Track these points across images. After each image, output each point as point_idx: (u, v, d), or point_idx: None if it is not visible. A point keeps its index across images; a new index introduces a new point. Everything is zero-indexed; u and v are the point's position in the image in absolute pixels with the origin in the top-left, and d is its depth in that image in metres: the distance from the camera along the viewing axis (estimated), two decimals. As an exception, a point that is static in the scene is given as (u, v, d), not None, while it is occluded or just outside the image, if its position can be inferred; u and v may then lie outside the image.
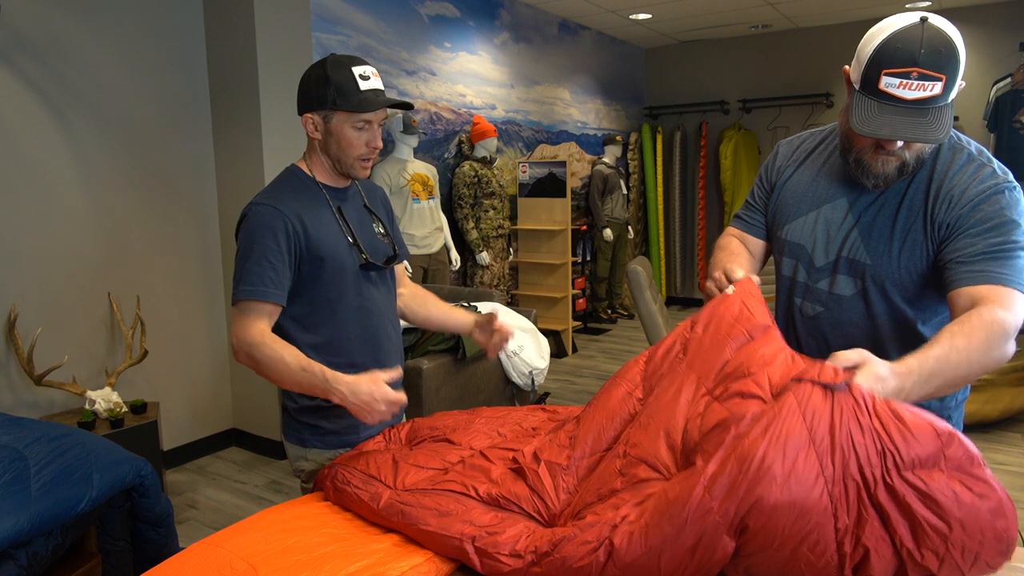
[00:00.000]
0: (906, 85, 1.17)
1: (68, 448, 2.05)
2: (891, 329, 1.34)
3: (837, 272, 1.37)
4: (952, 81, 1.17)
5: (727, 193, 7.12)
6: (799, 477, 0.89)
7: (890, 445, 0.89)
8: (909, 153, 1.25)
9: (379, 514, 1.31)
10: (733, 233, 1.58)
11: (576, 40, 6.56)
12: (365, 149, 1.55)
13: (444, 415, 1.74)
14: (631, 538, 0.99)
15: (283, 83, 3.44)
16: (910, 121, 1.18)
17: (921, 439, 0.89)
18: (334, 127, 1.52)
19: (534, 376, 3.70)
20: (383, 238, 1.70)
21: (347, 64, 1.50)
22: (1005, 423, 3.94)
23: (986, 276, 1.18)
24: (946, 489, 0.87)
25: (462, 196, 4.90)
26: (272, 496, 3.23)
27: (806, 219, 1.41)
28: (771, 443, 0.91)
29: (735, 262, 1.41)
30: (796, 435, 0.91)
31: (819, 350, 1.42)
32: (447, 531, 1.20)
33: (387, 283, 1.71)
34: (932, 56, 1.15)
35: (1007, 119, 5.53)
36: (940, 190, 1.27)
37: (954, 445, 0.89)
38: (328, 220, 1.57)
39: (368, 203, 1.71)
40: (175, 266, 3.50)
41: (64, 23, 2.99)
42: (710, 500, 0.93)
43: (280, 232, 1.47)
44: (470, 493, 1.29)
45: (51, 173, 2.99)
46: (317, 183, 1.60)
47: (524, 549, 1.12)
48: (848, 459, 0.90)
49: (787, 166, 1.49)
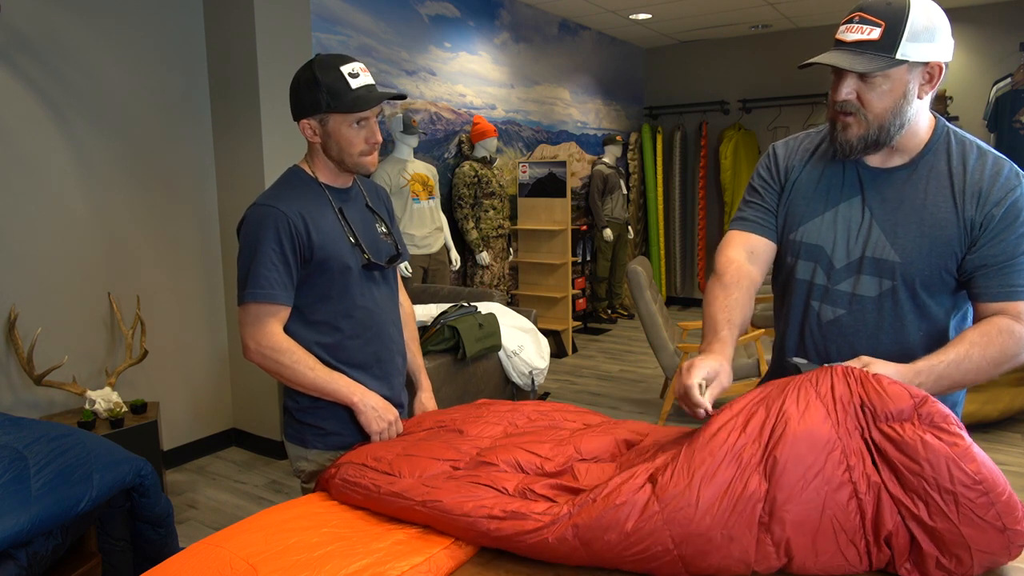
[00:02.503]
0: (848, 28, 1.24)
1: (68, 448, 2.05)
2: (918, 327, 1.32)
3: (861, 272, 1.34)
4: (893, 31, 1.19)
5: (727, 193, 7.12)
6: (811, 415, 1.09)
7: (868, 403, 1.08)
8: (868, 116, 1.25)
9: (399, 496, 1.29)
10: (738, 244, 1.45)
11: (576, 40, 6.56)
12: (366, 145, 1.56)
13: (448, 410, 1.75)
14: (674, 473, 1.09)
15: (283, 83, 3.44)
16: (839, 56, 1.23)
17: (895, 399, 1.06)
18: (332, 129, 1.53)
19: (534, 376, 3.70)
20: (385, 238, 1.71)
21: (335, 64, 1.50)
22: (1005, 423, 3.94)
23: (1011, 292, 1.24)
24: (912, 435, 1.03)
25: (462, 196, 4.90)
26: (272, 496, 3.23)
27: (822, 219, 1.37)
28: (788, 396, 1.13)
29: (724, 351, 1.27)
30: (806, 390, 1.13)
31: (840, 355, 1.36)
32: (473, 503, 1.20)
33: (389, 283, 1.72)
34: (876, 3, 1.22)
35: (1007, 119, 5.54)
36: (966, 185, 1.27)
37: (927, 405, 1.05)
38: (331, 220, 1.58)
39: (370, 203, 1.72)
40: (175, 266, 3.50)
41: (64, 23, 2.99)
42: (745, 438, 1.09)
43: (283, 233, 1.49)
44: (496, 486, 1.29)
45: (51, 173, 2.99)
46: (319, 184, 1.60)
47: (558, 511, 1.14)
48: (846, 412, 1.09)
49: (793, 166, 1.44)
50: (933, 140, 1.31)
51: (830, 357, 1.38)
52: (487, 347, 3.42)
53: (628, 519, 1.07)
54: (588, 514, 1.10)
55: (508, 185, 5.64)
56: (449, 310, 3.46)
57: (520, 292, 5.90)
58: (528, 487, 1.27)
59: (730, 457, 1.08)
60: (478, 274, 5.08)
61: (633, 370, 5.35)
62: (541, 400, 4.25)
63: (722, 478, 1.06)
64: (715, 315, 1.34)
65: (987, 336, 1.20)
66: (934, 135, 1.31)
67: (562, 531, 1.11)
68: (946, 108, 6.02)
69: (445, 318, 3.34)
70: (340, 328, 1.61)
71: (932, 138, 1.31)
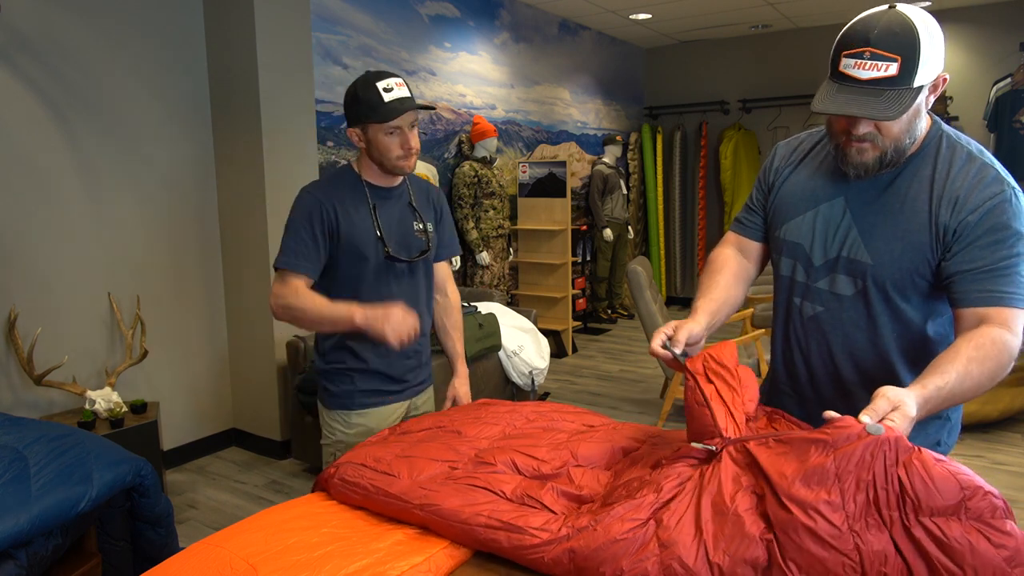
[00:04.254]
0: (860, 65, 1.18)
1: (68, 448, 2.05)
2: (892, 329, 1.34)
3: (836, 271, 1.36)
4: (910, 64, 1.17)
5: (727, 193, 7.12)
6: (820, 508, 0.97)
7: (911, 492, 0.95)
8: (885, 141, 1.25)
9: (396, 498, 1.30)
10: (730, 242, 1.57)
11: (576, 40, 6.56)
12: (401, 151, 1.74)
13: (447, 411, 1.75)
14: (681, 520, 1.06)
15: (283, 83, 3.44)
16: (862, 100, 1.19)
17: (943, 491, 0.95)
18: (371, 136, 1.73)
19: (534, 376, 3.70)
20: (420, 235, 1.87)
21: (373, 81, 1.72)
22: (1005, 423, 3.94)
23: (992, 297, 1.21)
24: (961, 538, 0.92)
25: (462, 196, 4.90)
26: (272, 496, 3.23)
27: (804, 218, 1.40)
28: (798, 473, 1.01)
29: (695, 317, 1.39)
30: (824, 469, 1.00)
31: (819, 351, 1.41)
32: (471, 509, 1.20)
33: (417, 278, 1.86)
34: (885, 36, 1.17)
35: (1007, 119, 5.53)
36: (944, 191, 1.26)
37: (977, 498, 0.94)
38: (363, 214, 1.77)
39: (415, 202, 1.89)
40: (175, 266, 3.50)
41: (64, 23, 2.99)
42: (753, 513, 1.03)
43: (316, 216, 1.72)
44: (494, 489, 1.29)
45: (51, 173, 2.99)
46: (362, 181, 1.81)
47: (556, 527, 1.13)
48: (870, 498, 0.97)
49: (785, 167, 1.48)
50: (924, 145, 1.31)
51: (810, 353, 1.43)
52: (487, 347, 3.42)
53: (624, 556, 1.05)
54: (586, 542, 1.09)
55: (508, 185, 5.64)
56: (449, 310, 3.45)
57: (520, 292, 5.90)
58: (526, 492, 1.27)
59: (739, 524, 1.02)
60: (478, 274, 5.08)
61: (633, 370, 5.35)
62: (541, 400, 4.26)
63: (729, 541, 1.02)
64: (697, 297, 1.46)
65: (983, 349, 1.17)
66: (926, 140, 1.31)
67: (558, 553, 1.11)
68: (946, 108, 6.01)
69: (445, 318, 3.34)
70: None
71: (923, 143, 1.31)
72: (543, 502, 1.24)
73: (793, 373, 1.48)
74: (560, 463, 1.37)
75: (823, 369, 1.42)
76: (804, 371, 1.45)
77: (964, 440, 3.72)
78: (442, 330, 2.07)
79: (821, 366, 1.42)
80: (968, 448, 3.63)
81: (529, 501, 1.25)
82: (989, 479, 3.67)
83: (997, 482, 3.22)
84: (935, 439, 1.38)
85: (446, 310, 2.07)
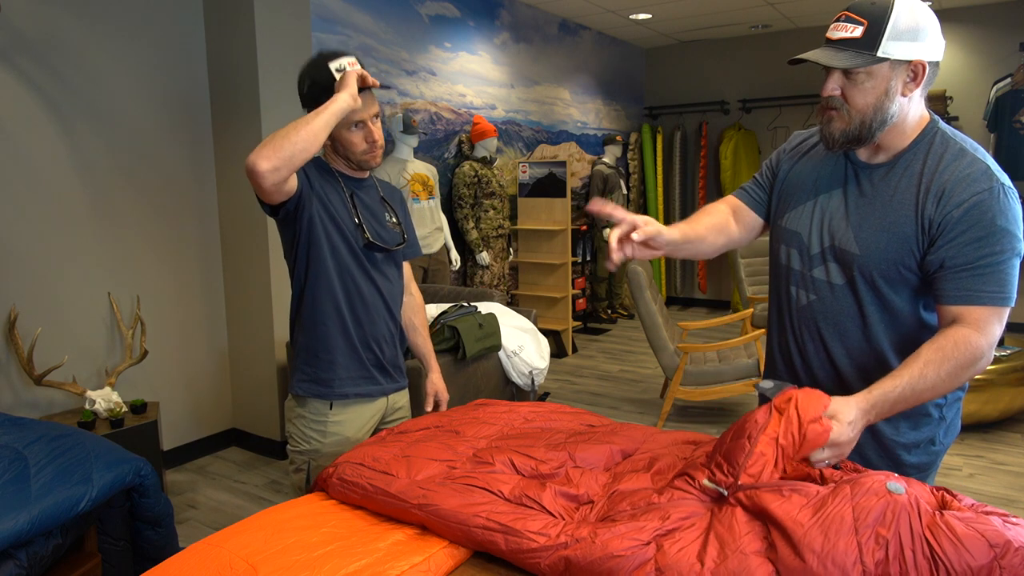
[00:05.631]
0: (836, 27, 1.28)
1: (68, 448, 2.05)
2: (881, 319, 1.35)
3: (829, 261, 1.39)
4: (875, 29, 1.22)
5: (727, 193, 7.12)
6: (836, 559, 0.95)
7: (941, 554, 0.93)
8: (852, 112, 1.28)
9: (395, 497, 1.30)
10: (727, 202, 1.58)
11: (576, 40, 6.56)
12: (366, 145, 1.67)
13: (446, 412, 1.75)
14: (684, 549, 1.05)
15: (283, 83, 3.44)
16: (821, 53, 1.27)
17: (974, 551, 0.92)
18: (333, 130, 1.57)
19: (534, 376, 3.70)
20: (394, 227, 1.81)
21: (323, 62, 1.58)
22: (1005, 423, 3.94)
23: (969, 296, 1.23)
24: None
25: (462, 196, 4.90)
26: (272, 496, 3.23)
27: (804, 207, 1.43)
28: (817, 522, 1.00)
29: (671, 226, 1.41)
30: (842, 520, 0.99)
31: (813, 340, 1.43)
32: (469, 510, 1.20)
33: (393, 270, 1.82)
34: (862, 3, 1.26)
35: (1007, 119, 5.53)
36: (932, 184, 1.27)
37: (1009, 554, 0.92)
38: (338, 199, 1.70)
39: (385, 196, 1.85)
40: (175, 266, 3.50)
41: (64, 23, 2.99)
42: (756, 544, 1.02)
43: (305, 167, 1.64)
44: (492, 489, 1.29)
45: (51, 173, 2.99)
46: (334, 171, 1.73)
47: (555, 533, 1.13)
48: (892, 558, 0.94)
49: (792, 157, 1.51)
50: (918, 139, 1.32)
51: (805, 342, 1.44)
52: (487, 347, 3.42)
53: (620, 572, 1.05)
54: (583, 553, 1.09)
55: (508, 185, 5.64)
56: (449, 310, 3.46)
57: (520, 292, 5.90)
58: (524, 492, 1.27)
59: (744, 564, 1.01)
60: (478, 274, 5.08)
61: (633, 370, 5.35)
62: (541, 400, 4.25)
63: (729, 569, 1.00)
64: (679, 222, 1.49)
65: (942, 351, 1.20)
66: (921, 134, 1.32)
67: (555, 560, 1.11)
68: (946, 108, 6.02)
69: (445, 318, 3.35)
70: (331, 296, 1.71)
71: (918, 137, 1.32)
72: (541, 503, 1.24)
73: (789, 362, 1.50)
74: (558, 463, 1.37)
75: (817, 358, 1.43)
76: (799, 360, 1.47)
77: (964, 440, 3.72)
78: (411, 328, 2.01)
79: (815, 355, 1.43)
80: (968, 448, 3.63)
81: (527, 501, 1.25)
82: (989, 479, 3.64)
83: (997, 482, 3.22)
84: (929, 437, 1.39)
85: (414, 308, 2.01)
